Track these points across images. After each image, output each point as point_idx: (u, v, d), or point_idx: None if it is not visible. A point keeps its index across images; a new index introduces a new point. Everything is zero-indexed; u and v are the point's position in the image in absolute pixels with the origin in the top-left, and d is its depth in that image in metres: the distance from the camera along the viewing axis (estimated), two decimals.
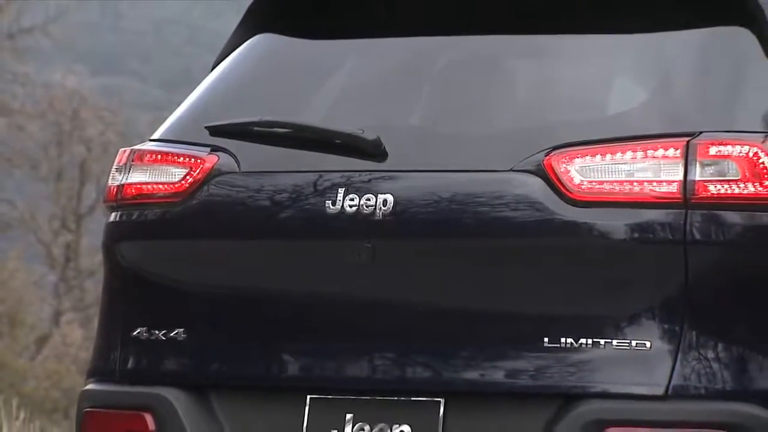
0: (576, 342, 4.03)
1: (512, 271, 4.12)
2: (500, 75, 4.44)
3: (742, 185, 4.00)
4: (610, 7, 4.36)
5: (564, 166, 4.09)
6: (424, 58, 4.52)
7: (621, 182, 4.05)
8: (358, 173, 4.27)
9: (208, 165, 4.44)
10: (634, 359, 3.99)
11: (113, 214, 4.59)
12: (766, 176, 4.01)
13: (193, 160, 4.47)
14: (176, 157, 4.50)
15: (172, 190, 4.46)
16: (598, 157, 4.08)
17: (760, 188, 4.01)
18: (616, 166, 4.06)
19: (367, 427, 4.18)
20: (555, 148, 4.11)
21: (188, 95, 4.77)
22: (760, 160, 4.02)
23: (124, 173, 4.56)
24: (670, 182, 4.02)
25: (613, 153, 4.07)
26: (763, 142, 4.05)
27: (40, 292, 26.38)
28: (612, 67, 4.34)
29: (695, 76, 4.23)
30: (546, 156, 4.10)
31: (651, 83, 4.26)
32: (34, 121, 23.38)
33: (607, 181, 4.06)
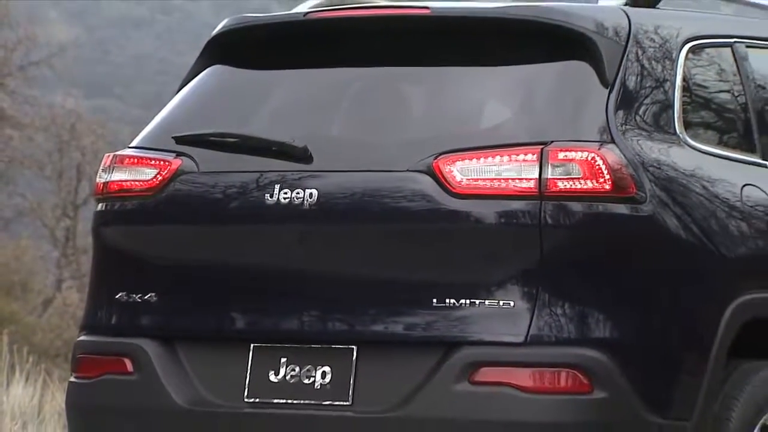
0: (457, 302, 4.06)
1: (409, 247, 4.15)
2: (400, 97, 4.45)
3: (583, 182, 4.04)
4: (484, 46, 4.36)
5: (448, 167, 4.11)
6: (342, 84, 4.51)
7: (492, 180, 4.08)
8: (290, 173, 4.27)
9: (174, 166, 4.44)
10: (502, 315, 4.03)
11: (100, 204, 4.58)
12: (600, 175, 4.05)
13: (162, 162, 4.47)
14: (149, 161, 4.49)
15: (146, 186, 4.46)
16: (474, 160, 4.10)
17: (596, 184, 4.04)
18: (488, 167, 4.09)
19: (297, 368, 4.19)
20: (441, 153, 4.13)
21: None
22: (597, 162, 4.05)
23: (109, 173, 4.56)
24: (528, 180, 4.05)
25: (485, 157, 4.10)
26: (598, 148, 4.08)
27: (46, 265, 26.15)
28: (485, 91, 4.34)
29: (548, 98, 4.23)
30: (434, 159, 4.13)
31: (514, 104, 4.26)
32: (40, 133, 23.25)
33: (481, 179, 4.09)
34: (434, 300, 4.09)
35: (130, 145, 4.65)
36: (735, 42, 4.70)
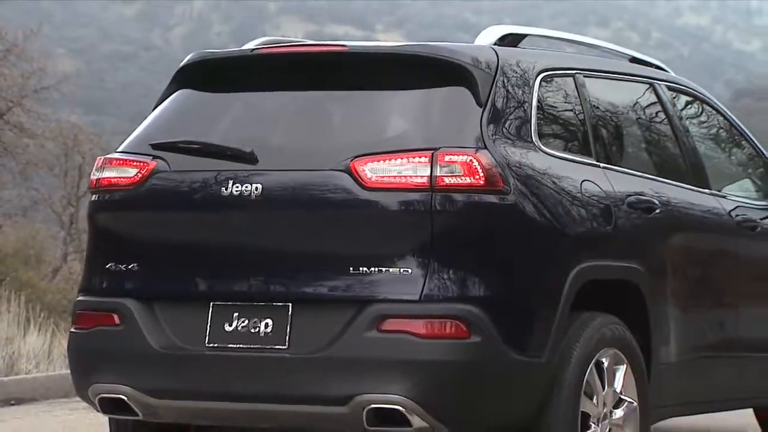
0: (368, 269, 4.05)
1: (331, 228, 4.12)
2: (325, 113, 4.41)
3: (463, 178, 4.03)
4: (389, 74, 4.34)
5: (361, 167, 4.09)
6: (280, 103, 4.47)
7: (394, 177, 4.06)
8: (240, 171, 4.23)
9: (151, 166, 4.39)
10: (402, 280, 4.01)
11: (93, 196, 4.52)
12: (476, 173, 4.04)
13: (141, 163, 4.41)
14: (131, 162, 4.44)
15: (129, 182, 4.41)
16: (381, 161, 4.09)
17: (473, 180, 4.04)
18: (392, 167, 4.07)
19: (246, 321, 4.15)
20: (356, 156, 4.11)
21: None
22: (473, 164, 4.05)
23: (100, 171, 4.50)
24: (422, 177, 4.04)
25: (389, 159, 4.08)
26: (475, 153, 4.07)
27: (55, 242, 25.91)
28: (389, 109, 4.31)
29: (437, 114, 4.22)
30: (351, 161, 4.11)
31: (411, 119, 4.24)
32: (50, 142, 23.04)
33: (386, 176, 4.07)
34: (351, 268, 4.07)
35: (117, 150, 4.58)
36: (576, 73, 4.73)
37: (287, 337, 4.10)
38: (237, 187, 4.21)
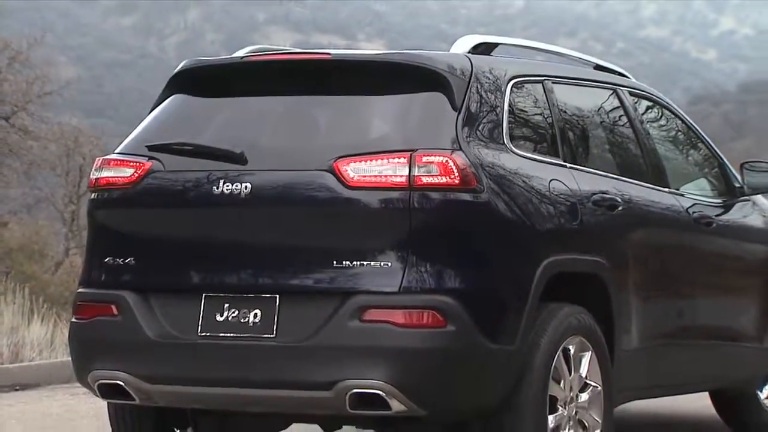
0: (351, 263, 4.02)
1: (316, 224, 4.10)
2: (310, 116, 4.39)
3: (439, 177, 4.02)
4: (370, 80, 4.33)
5: (344, 167, 4.07)
6: (269, 107, 4.45)
7: (376, 176, 4.04)
8: (231, 171, 4.21)
9: (146, 166, 4.36)
10: (382, 272, 4.00)
11: (92, 194, 4.50)
12: (452, 173, 4.03)
13: (138, 163, 4.39)
14: (128, 162, 4.41)
15: (126, 181, 4.38)
16: (363, 162, 4.07)
17: (449, 179, 4.03)
18: (373, 167, 4.05)
19: (236, 311, 4.13)
20: (340, 157, 4.09)
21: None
22: (449, 164, 4.04)
23: (99, 171, 4.47)
24: (401, 176, 4.03)
25: (371, 160, 4.06)
26: (450, 154, 4.06)
27: (57, 238, 25.80)
28: (370, 112, 4.30)
29: (415, 117, 4.18)
30: (334, 161, 4.09)
31: (391, 122, 4.23)
32: (52, 144, 22.95)
33: (368, 176, 4.05)
34: (334, 262, 4.05)
35: (115, 151, 4.55)
36: (544, 79, 4.73)
37: (275, 327, 4.09)
38: (228, 186, 4.19)
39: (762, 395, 5.75)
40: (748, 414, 5.74)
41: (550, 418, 4.23)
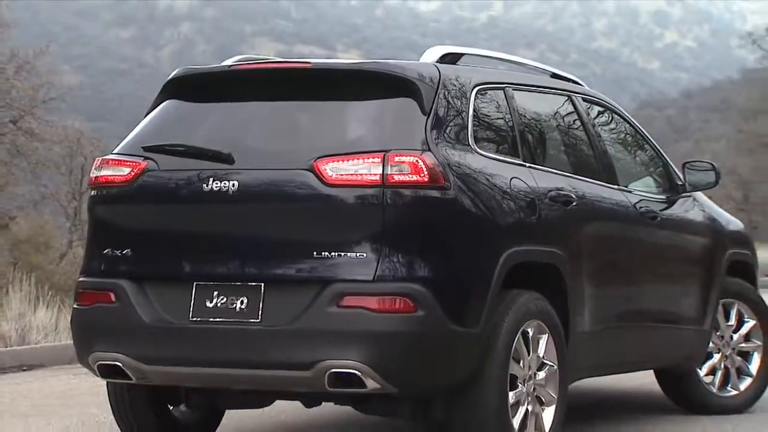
0: (330, 254, 4.00)
1: (298, 219, 4.07)
2: (292, 120, 4.35)
3: (410, 176, 4.00)
4: (347, 87, 4.30)
5: (323, 166, 4.05)
6: (254, 111, 4.41)
7: (352, 175, 4.02)
8: (220, 170, 4.18)
9: (142, 166, 4.33)
10: (358, 262, 3.97)
11: (92, 191, 4.46)
12: (422, 171, 4.01)
13: (134, 163, 4.35)
14: (125, 162, 4.38)
15: (123, 179, 4.35)
16: (341, 162, 4.04)
17: (419, 177, 4.01)
18: (350, 166, 4.03)
19: (225, 298, 4.10)
20: (319, 157, 4.07)
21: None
22: (419, 163, 4.02)
23: (98, 170, 4.43)
24: (375, 174, 4.00)
25: (348, 160, 4.04)
26: (420, 154, 4.04)
27: (61, 231, 25.64)
28: (347, 116, 4.26)
29: (388, 121, 4.16)
30: (314, 161, 4.06)
31: (366, 125, 4.20)
32: (57, 145, 22.81)
33: (345, 174, 4.02)
34: (314, 253, 4.03)
35: (113, 152, 4.51)
36: (506, 86, 4.72)
37: (260, 312, 4.06)
38: (216, 183, 4.16)
39: (701, 372, 5.78)
40: (689, 389, 5.77)
41: (511, 394, 4.23)
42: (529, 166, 4.60)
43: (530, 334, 4.36)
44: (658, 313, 5.36)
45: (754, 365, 5.84)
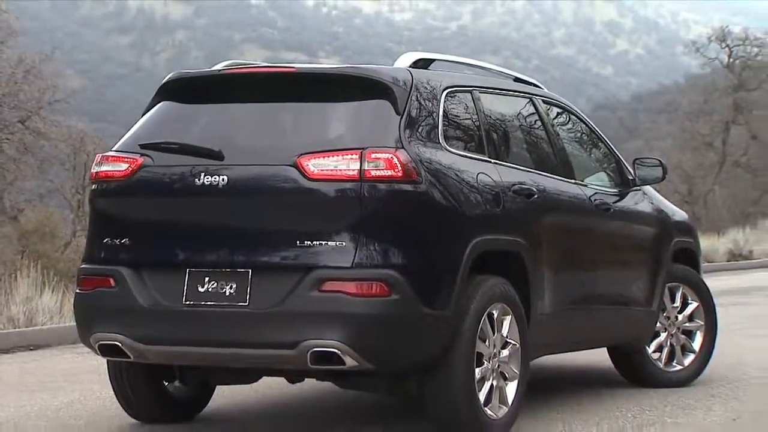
0: (312, 243, 3.97)
1: (282, 211, 4.05)
2: (277, 120, 4.33)
3: (385, 171, 3.98)
4: (328, 90, 4.28)
5: (306, 162, 4.03)
6: (242, 112, 4.38)
7: (332, 170, 3.99)
8: (211, 165, 4.15)
9: (139, 162, 4.30)
10: (338, 250, 3.95)
11: (93, 185, 4.42)
12: (396, 167, 3.99)
13: (132, 159, 4.32)
14: (123, 158, 4.34)
15: (122, 174, 4.32)
16: (321, 158, 4.02)
17: (393, 173, 3.99)
18: (330, 162, 4.00)
19: (215, 283, 4.08)
20: (302, 154, 4.04)
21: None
22: (393, 160, 4.00)
23: (99, 166, 4.40)
24: (353, 170, 3.98)
25: (328, 156, 4.01)
26: (394, 151, 4.03)
27: (66, 222, 25.47)
28: (328, 117, 4.24)
29: (365, 121, 4.17)
30: (297, 158, 4.04)
31: (345, 125, 4.17)
32: (62, 143, 22.64)
33: (326, 170, 4.00)
34: (297, 242, 4.01)
35: (112, 149, 4.47)
36: (473, 89, 4.72)
37: (248, 296, 4.04)
38: (207, 178, 4.14)
39: (650, 350, 5.81)
40: (638, 365, 5.80)
41: (477, 370, 4.23)
42: (495, 162, 4.60)
43: (495, 315, 4.37)
44: (611, 296, 5.38)
45: (697, 343, 5.89)
